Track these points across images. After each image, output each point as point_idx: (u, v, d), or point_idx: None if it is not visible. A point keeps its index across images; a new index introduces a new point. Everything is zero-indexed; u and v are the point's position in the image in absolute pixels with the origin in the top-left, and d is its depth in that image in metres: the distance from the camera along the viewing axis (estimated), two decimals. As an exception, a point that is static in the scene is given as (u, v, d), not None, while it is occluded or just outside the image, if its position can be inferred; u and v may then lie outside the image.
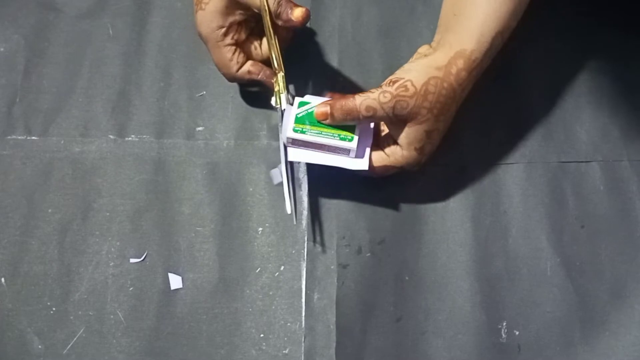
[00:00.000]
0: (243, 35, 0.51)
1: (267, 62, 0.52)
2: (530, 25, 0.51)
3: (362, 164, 0.48)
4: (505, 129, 0.55)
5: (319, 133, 0.47)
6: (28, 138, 0.53)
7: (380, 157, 0.49)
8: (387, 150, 0.49)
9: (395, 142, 0.48)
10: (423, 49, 0.50)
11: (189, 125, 0.54)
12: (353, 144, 0.47)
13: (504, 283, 0.50)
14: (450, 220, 0.52)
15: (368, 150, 0.48)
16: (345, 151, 0.48)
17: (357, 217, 0.52)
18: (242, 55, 0.51)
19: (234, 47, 0.50)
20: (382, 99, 0.45)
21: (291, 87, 0.54)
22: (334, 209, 0.52)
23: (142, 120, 0.54)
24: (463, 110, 0.50)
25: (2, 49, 0.57)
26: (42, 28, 0.58)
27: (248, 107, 0.55)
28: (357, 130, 0.48)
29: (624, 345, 0.48)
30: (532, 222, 0.52)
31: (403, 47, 0.58)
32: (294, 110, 0.48)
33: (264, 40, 0.52)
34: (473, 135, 0.54)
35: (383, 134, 0.50)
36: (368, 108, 0.46)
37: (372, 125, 0.49)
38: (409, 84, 0.45)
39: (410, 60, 0.49)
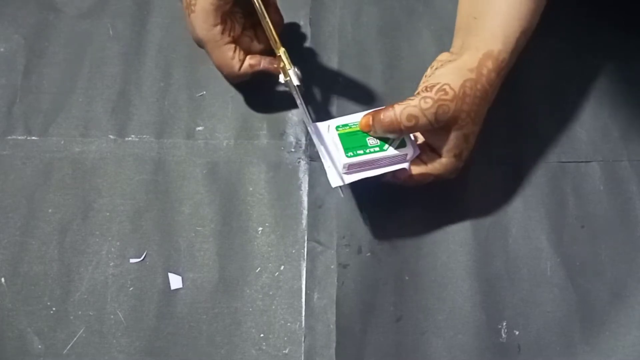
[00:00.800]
0: (238, 31, 0.51)
1: (262, 53, 0.52)
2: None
3: (402, 164, 0.47)
4: (505, 129, 0.55)
5: (369, 151, 0.46)
6: (28, 138, 0.53)
7: (418, 166, 0.48)
8: (425, 158, 0.48)
9: (433, 150, 0.48)
10: (444, 56, 0.49)
11: (189, 125, 0.54)
12: (409, 149, 0.47)
13: (504, 283, 0.50)
14: (450, 220, 0.52)
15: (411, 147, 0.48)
16: (402, 157, 0.47)
17: (357, 217, 0.52)
18: (241, 52, 0.51)
19: (233, 45, 0.50)
20: (424, 105, 0.44)
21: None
22: (334, 209, 0.52)
23: (142, 120, 0.54)
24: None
25: (2, 49, 0.57)
26: (42, 28, 0.58)
27: (248, 107, 0.55)
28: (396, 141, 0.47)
29: (624, 345, 0.48)
30: (532, 222, 0.52)
31: (403, 47, 0.58)
32: (332, 134, 0.47)
33: (258, 31, 0.52)
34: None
35: (419, 141, 0.50)
36: (410, 117, 0.45)
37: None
38: (447, 87, 0.45)
39: (433, 67, 0.48)
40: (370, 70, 0.57)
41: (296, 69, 0.49)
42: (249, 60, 0.51)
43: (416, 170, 0.48)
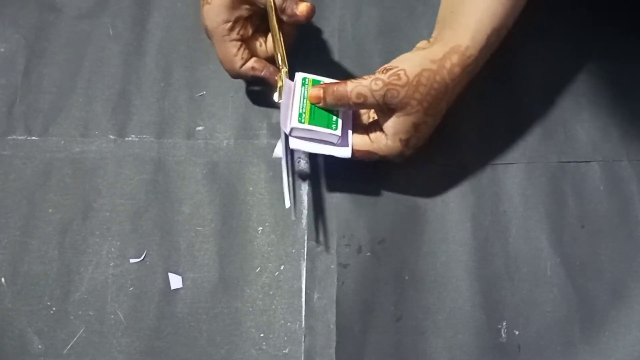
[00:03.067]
0: (249, 32, 0.51)
1: (271, 59, 0.52)
2: (530, 25, 0.51)
3: (345, 152, 0.48)
4: (505, 129, 0.55)
5: (314, 120, 0.47)
6: (28, 138, 0.53)
7: (364, 142, 0.48)
8: (372, 136, 0.48)
9: (382, 130, 0.48)
10: (422, 44, 0.50)
11: (189, 125, 0.54)
12: (337, 132, 0.47)
13: (504, 283, 0.50)
14: (450, 220, 0.52)
15: (350, 137, 0.48)
16: (333, 137, 0.47)
17: (357, 216, 0.52)
18: (246, 51, 0.50)
19: (239, 43, 0.50)
20: (374, 87, 0.45)
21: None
22: (334, 208, 0.52)
23: (142, 120, 0.54)
24: (463, 110, 0.50)
25: (2, 49, 0.57)
26: (42, 28, 0.58)
27: (248, 106, 0.55)
28: (340, 115, 0.48)
29: (624, 345, 0.48)
30: (532, 222, 0.52)
31: (403, 47, 0.58)
32: (305, 127, 0.47)
33: (269, 37, 0.52)
34: (473, 135, 0.54)
35: (371, 120, 0.50)
36: (359, 95, 0.46)
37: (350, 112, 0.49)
38: (402, 73, 0.45)
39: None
40: (370, 70, 0.56)
41: None
42: (254, 63, 0.51)
43: (362, 146, 0.48)
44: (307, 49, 0.57)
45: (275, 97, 0.49)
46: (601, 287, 0.50)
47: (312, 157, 0.53)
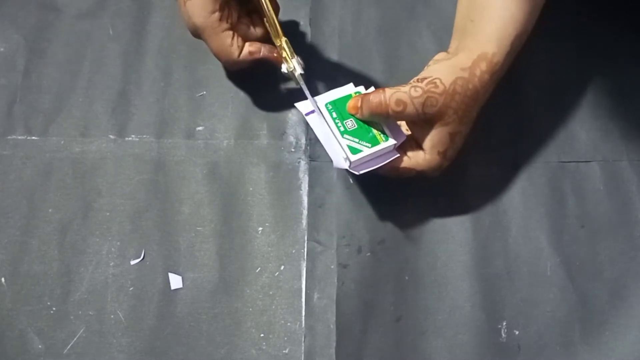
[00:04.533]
0: (235, 18, 0.50)
1: (261, 40, 0.51)
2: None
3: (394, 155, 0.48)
4: (505, 129, 0.55)
5: (365, 143, 0.47)
6: (28, 138, 0.53)
7: (403, 160, 0.48)
8: (410, 152, 0.48)
9: (418, 145, 0.48)
10: (440, 55, 0.49)
11: (189, 125, 0.54)
12: (396, 137, 0.47)
13: (504, 283, 0.50)
14: (450, 220, 0.52)
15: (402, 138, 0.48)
16: (390, 150, 0.47)
17: (357, 217, 0.52)
18: (239, 38, 0.49)
19: (231, 32, 0.49)
20: (413, 93, 0.45)
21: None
22: (334, 208, 0.52)
23: (142, 120, 0.54)
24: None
25: (2, 49, 0.57)
26: (42, 28, 0.58)
27: (248, 106, 0.55)
28: (386, 129, 0.47)
29: (624, 345, 0.48)
30: (532, 222, 0.52)
31: (403, 47, 0.58)
32: (328, 118, 0.47)
33: (254, 18, 0.51)
34: (473, 135, 0.54)
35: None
36: (398, 102, 0.45)
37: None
38: (438, 81, 0.45)
39: (429, 65, 0.49)
40: (371, 71, 0.57)
41: (299, 58, 0.49)
42: (249, 47, 0.50)
43: (398, 162, 0.48)
44: (307, 49, 0.57)
45: (284, 67, 0.49)
46: (601, 287, 0.50)
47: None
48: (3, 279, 0.49)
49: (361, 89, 0.49)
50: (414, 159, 0.48)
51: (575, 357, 0.48)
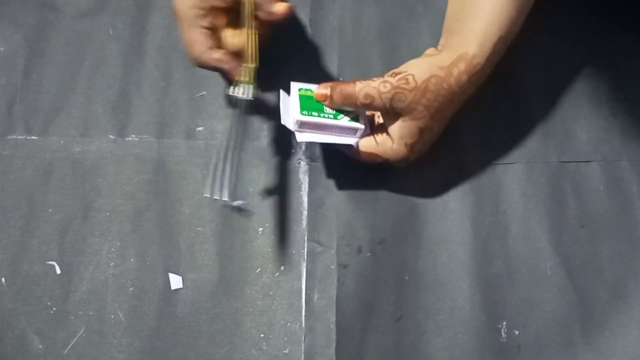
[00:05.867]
0: (222, 22, 0.49)
1: (240, 55, 0.49)
2: (529, 25, 0.51)
3: (351, 140, 0.49)
4: (504, 129, 0.55)
5: (323, 115, 0.48)
6: (28, 138, 0.53)
7: (370, 144, 0.49)
8: (378, 138, 0.49)
9: (388, 133, 0.48)
10: (430, 51, 0.51)
11: (189, 125, 0.54)
12: (361, 125, 0.48)
13: (504, 283, 0.50)
14: (450, 220, 0.52)
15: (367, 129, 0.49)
16: (353, 131, 0.48)
17: (357, 217, 0.52)
18: (212, 40, 0.48)
19: (206, 31, 0.48)
20: (382, 89, 0.46)
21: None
22: (334, 209, 0.52)
23: (142, 120, 0.54)
24: (463, 110, 0.50)
25: (2, 49, 0.57)
26: (42, 28, 0.58)
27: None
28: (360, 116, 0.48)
29: (624, 345, 0.48)
30: (532, 222, 0.52)
31: (403, 48, 0.58)
32: (294, 95, 0.48)
33: (243, 32, 0.49)
34: (473, 135, 0.54)
35: (377, 123, 0.51)
36: (366, 96, 0.46)
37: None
38: (410, 77, 0.46)
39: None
40: (370, 70, 0.57)
41: (258, 90, 0.48)
42: (222, 55, 0.48)
43: (367, 148, 0.49)
44: (307, 50, 0.57)
45: (232, 90, 0.48)
46: (601, 287, 0.50)
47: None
48: (3, 279, 0.49)
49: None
50: (382, 147, 0.48)
51: (575, 357, 0.48)
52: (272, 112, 0.55)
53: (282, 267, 0.50)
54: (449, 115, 0.49)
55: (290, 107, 0.49)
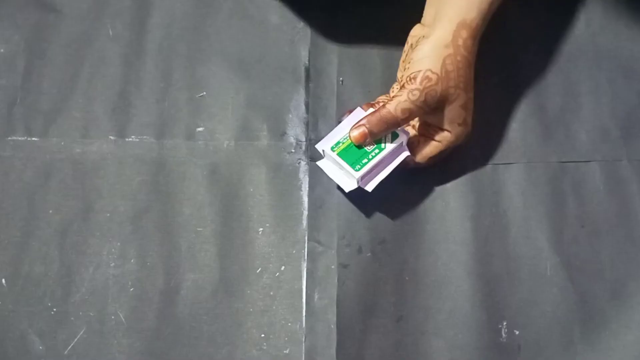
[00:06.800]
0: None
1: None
2: (529, 24, 0.51)
3: (405, 152, 0.49)
4: (505, 129, 0.55)
5: (372, 156, 0.48)
6: (28, 139, 0.53)
7: (431, 148, 0.50)
8: (437, 137, 0.50)
9: (440, 128, 0.49)
10: (416, 30, 0.50)
11: (189, 125, 0.54)
12: (403, 136, 0.48)
13: (504, 283, 0.50)
14: (450, 220, 0.52)
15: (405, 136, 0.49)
16: (400, 146, 0.49)
17: (357, 217, 0.52)
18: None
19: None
20: (412, 97, 0.46)
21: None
22: (334, 209, 0.52)
23: (142, 121, 0.54)
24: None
25: (2, 50, 0.57)
26: (42, 28, 0.58)
27: (248, 107, 0.55)
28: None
29: (624, 345, 0.48)
30: (532, 222, 0.52)
31: (403, 47, 0.58)
32: (333, 157, 0.48)
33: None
34: (473, 135, 0.54)
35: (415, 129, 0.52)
36: (404, 111, 0.47)
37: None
38: (429, 73, 0.46)
39: (411, 47, 0.49)
40: (370, 70, 0.57)
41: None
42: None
43: (432, 152, 0.50)
44: (307, 49, 0.57)
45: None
46: (601, 287, 0.50)
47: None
48: (4, 280, 0.49)
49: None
50: (444, 141, 0.50)
51: (575, 357, 0.48)
52: (272, 112, 0.55)
53: (283, 267, 0.50)
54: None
55: (340, 172, 0.49)
